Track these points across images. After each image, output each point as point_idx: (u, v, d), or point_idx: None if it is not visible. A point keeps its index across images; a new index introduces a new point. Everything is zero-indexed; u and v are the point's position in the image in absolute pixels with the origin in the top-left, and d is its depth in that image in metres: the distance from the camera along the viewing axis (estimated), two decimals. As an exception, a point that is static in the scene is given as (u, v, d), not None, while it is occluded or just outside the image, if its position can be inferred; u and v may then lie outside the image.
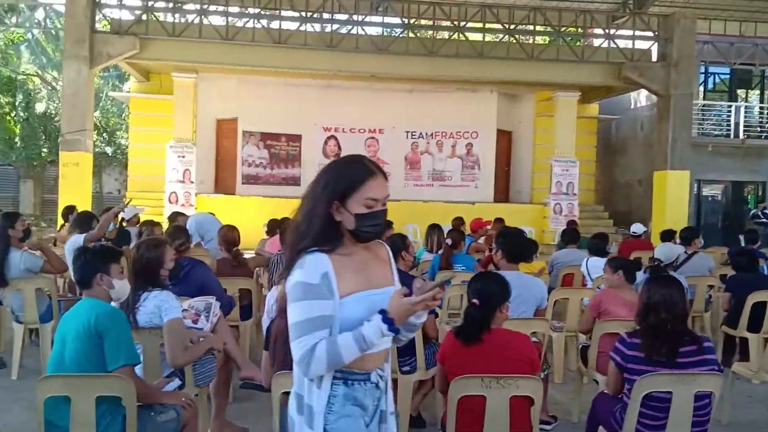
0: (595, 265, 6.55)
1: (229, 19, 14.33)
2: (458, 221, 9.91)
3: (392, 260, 2.27)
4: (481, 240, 9.26)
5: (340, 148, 17.38)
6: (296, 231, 2.09)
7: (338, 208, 2.03)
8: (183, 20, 14.28)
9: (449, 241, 7.04)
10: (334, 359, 1.96)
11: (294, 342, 1.99)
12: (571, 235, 8.30)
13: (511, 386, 3.03)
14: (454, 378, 3.07)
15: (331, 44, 14.03)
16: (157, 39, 13.82)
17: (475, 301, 3.27)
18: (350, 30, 14.63)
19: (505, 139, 17.73)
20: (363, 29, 14.75)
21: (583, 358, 4.95)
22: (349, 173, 2.06)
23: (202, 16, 14.03)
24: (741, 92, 18.95)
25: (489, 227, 9.83)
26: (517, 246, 4.70)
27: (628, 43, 15.12)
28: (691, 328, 5.94)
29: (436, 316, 5.36)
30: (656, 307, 3.30)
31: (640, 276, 5.65)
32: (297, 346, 1.98)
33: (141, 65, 15.64)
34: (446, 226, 8.46)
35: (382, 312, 1.97)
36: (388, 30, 16.92)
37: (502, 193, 17.59)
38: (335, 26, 14.61)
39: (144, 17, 13.90)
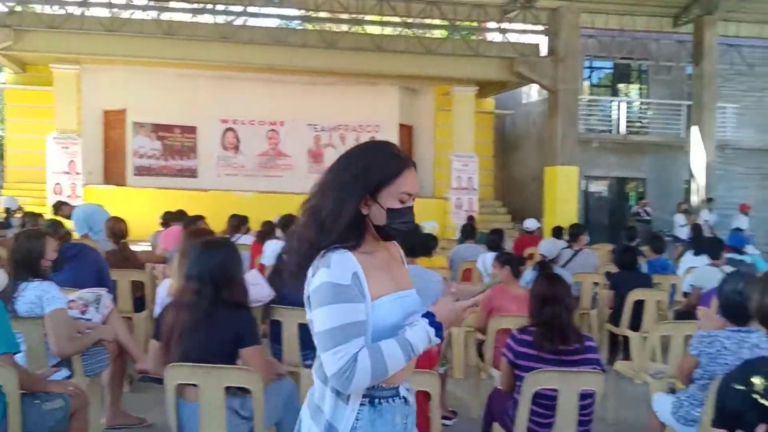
0: (490, 260, 6.72)
1: (115, 10, 13.86)
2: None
3: (405, 260, 2.09)
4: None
5: (239, 140, 17.25)
6: (318, 224, 1.84)
7: (367, 201, 1.85)
8: (63, 11, 13.69)
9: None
10: (379, 370, 1.76)
11: (328, 352, 1.77)
12: (468, 231, 8.53)
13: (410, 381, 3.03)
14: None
15: (226, 36, 13.77)
16: (33, 31, 13.29)
17: None
18: (245, 21, 14.39)
19: (406, 134, 17.97)
20: (259, 21, 14.56)
21: (480, 353, 5.02)
22: (385, 164, 1.87)
23: (84, 8, 13.55)
24: (623, 87, 19.81)
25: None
26: (415, 240, 4.75)
27: (521, 38, 15.64)
28: (578, 325, 6.16)
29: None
30: (549, 301, 3.40)
31: (530, 273, 5.87)
32: (333, 357, 1.76)
33: (16, 57, 14.98)
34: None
35: (429, 315, 1.84)
36: (286, 22, 16.76)
37: (407, 187, 17.82)
38: (230, 18, 14.36)
39: (18, 8, 13.34)
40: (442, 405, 4.60)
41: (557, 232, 9.20)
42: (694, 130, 15.96)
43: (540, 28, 15.41)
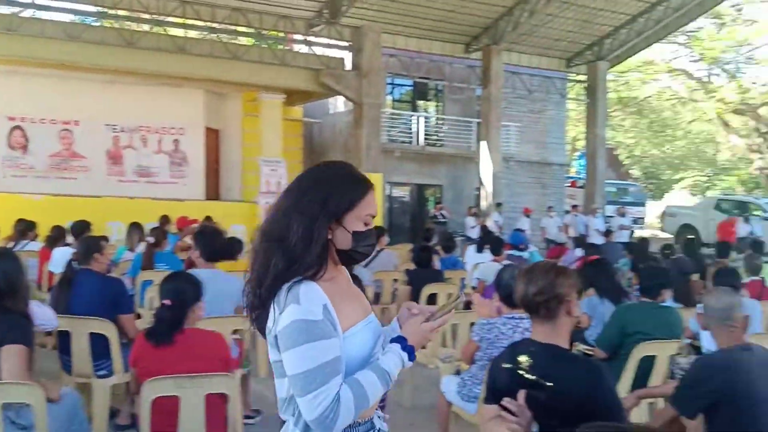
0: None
1: None
2: (163, 219, 9.74)
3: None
4: (188, 238, 9.17)
5: (27, 139, 15.71)
6: (287, 253, 1.68)
7: (331, 225, 1.73)
8: None
9: (151, 240, 6.92)
10: (362, 404, 1.66)
11: (307, 396, 1.61)
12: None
13: (205, 385, 3.05)
14: (146, 380, 3.03)
15: (11, 28, 12.60)
16: None
17: (166, 301, 3.23)
18: (34, 14, 13.34)
19: (213, 137, 17.59)
20: (50, 14, 13.57)
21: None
22: (351, 187, 1.76)
23: None
24: (422, 103, 21.08)
25: (196, 225, 9.78)
26: (215, 245, 4.77)
27: (326, 51, 16.10)
28: (380, 318, 6.38)
29: (138, 316, 5.23)
30: None
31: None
32: (313, 401, 1.60)
33: None
34: (155, 224, 8.32)
35: (400, 340, 1.76)
36: (81, 17, 15.75)
37: (213, 190, 17.43)
38: (15, 9, 13.22)
39: None
40: (245, 404, 4.63)
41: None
42: (483, 144, 17.55)
43: (345, 43, 15.97)
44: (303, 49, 16.35)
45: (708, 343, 3.42)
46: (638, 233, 19.15)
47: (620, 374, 4.16)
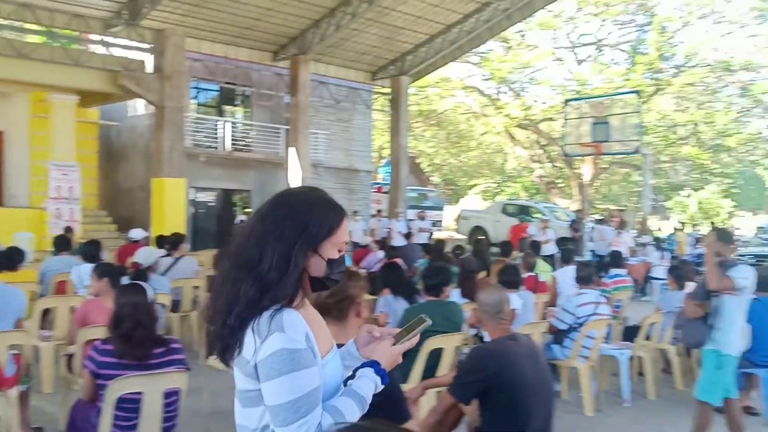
0: (87, 271, 6.62)
1: None
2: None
3: None
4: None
5: None
6: (259, 281, 1.65)
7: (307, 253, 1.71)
8: None
9: None
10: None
11: (293, 426, 1.59)
12: (63, 242, 8.18)
13: (-30, 405, 2.87)
14: None
15: None
16: None
17: None
18: None
19: (-5, 139, 16.08)
20: None
21: (70, 366, 4.98)
22: (328, 215, 1.74)
23: None
24: (229, 108, 20.89)
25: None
26: None
27: (126, 53, 15.41)
28: (180, 326, 6.41)
29: None
30: (126, 316, 3.49)
31: (125, 281, 5.97)
32: (299, 430, 1.59)
33: None
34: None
35: (373, 364, 1.77)
36: None
37: (-4, 196, 15.93)
38: None
39: None
40: (24, 423, 4.43)
41: (160, 241, 9.38)
42: (292, 151, 17.87)
43: (146, 45, 15.39)
44: (100, 49, 15.46)
45: (491, 333, 3.79)
46: (436, 235, 20.52)
47: (412, 367, 4.55)
